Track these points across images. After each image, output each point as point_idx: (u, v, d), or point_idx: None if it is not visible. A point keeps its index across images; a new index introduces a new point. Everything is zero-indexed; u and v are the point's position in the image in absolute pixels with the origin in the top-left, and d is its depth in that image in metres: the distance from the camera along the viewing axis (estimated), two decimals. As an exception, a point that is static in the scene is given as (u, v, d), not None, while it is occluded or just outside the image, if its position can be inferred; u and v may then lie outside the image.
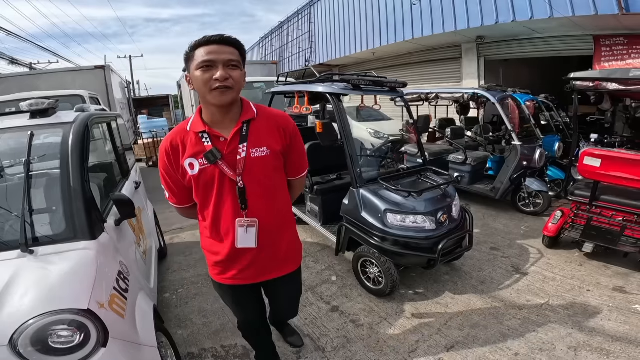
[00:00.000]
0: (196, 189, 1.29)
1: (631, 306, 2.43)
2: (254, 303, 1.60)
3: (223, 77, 1.11)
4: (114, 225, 1.82)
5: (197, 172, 1.24)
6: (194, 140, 1.24)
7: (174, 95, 16.74)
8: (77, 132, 1.78)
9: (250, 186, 1.27)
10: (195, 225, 4.35)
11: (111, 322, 1.22)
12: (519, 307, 2.48)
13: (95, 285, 1.26)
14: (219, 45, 1.13)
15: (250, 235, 1.31)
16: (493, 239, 3.67)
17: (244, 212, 1.28)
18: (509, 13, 6.05)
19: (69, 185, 1.58)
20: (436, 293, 2.69)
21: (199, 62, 1.12)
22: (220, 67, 1.11)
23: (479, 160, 4.76)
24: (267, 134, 1.29)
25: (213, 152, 1.21)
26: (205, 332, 2.34)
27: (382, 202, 2.45)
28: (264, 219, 1.32)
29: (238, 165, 1.24)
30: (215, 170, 1.24)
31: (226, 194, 1.27)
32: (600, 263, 3.04)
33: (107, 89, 6.10)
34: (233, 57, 1.14)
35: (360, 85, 2.76)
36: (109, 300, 1.29)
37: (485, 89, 4.60)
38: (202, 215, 1.37)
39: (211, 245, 1.39)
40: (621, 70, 2.88)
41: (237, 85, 1.16)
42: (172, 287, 2.96)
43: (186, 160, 1.24)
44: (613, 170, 2.77)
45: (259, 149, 1.26)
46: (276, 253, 1.42)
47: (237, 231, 1.30)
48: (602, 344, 2.08)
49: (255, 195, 1.29)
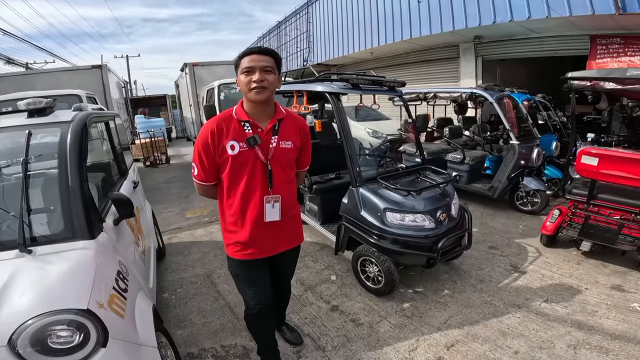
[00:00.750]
0: (231, 167, 1.50)
1: (629, 304, 2.44)
2: (266, 281, 1.74)
3: (259, 80, 1.39)
4: (113, 225, 1.81)
5: (237, 153, 1.48)
6: (237, 127, 1.49)
7: (171, 95, 16.67)
8: (75, 131, 1.77)
9: (276, 170, 1.54)
10: (194, 225, 4.41)
11: (111, 322, 1.21)
12: (518, 305, 2.49)
13: (95, 285, 1.25)
14: (258, 55, 1.42)
15: (276, 210, 1.57)
16: (491, 238, 3.68)
17: (270, 190, 1.54)
18: (507, 13, 6.07)
19: (67, 185, 1.57)
20: (435, 292, 2.69)
21: (242, 68, 1.42)
22: (258, 72, 1.40)
23: (476, 160, 4.78)
24: (292, 132, 1.60)
25: (255, 138, 1.48)
26: (205, 332, 2.33)
27: (381, 201, 2.46)
28: (284, 197, 1.59)
29: (270, 152, 1.52)
30: (251, 154, 1.49)
31: (257, 175, 1.52)
32: (597, 261, 3.06)
33: (104, 88, 6.06)
34: (268, 64, 1.42)
35: (360, 85, 2.76)
36: (109, 300, 1.29)
37: (483, 89, 4.62)
38: (229, 193, 1.56)
39: (234, 222, 1.58)
40: (619, 69, 2.90)
41: (271, 85, 1.44)
42: (170, 287, 2.95)
43: (229, 142, 1.47)
44: (610, 168, 2.79)
45: (286, 142, 1.57)
46: (290, 226, 1.69)
47: (265, 207, 1.54)
48: (601, 342, 2.09)
49: (279, 178, 1.56)
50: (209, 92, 5.94)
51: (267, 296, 1.74)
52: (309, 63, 12.20)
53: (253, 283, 1.70)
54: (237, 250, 1.62)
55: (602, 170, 2.83)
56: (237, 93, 5.71)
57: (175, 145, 13.18)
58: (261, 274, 1.71)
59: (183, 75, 7.45)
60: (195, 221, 4.57)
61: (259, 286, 1.70)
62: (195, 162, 1.55)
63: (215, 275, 3.10)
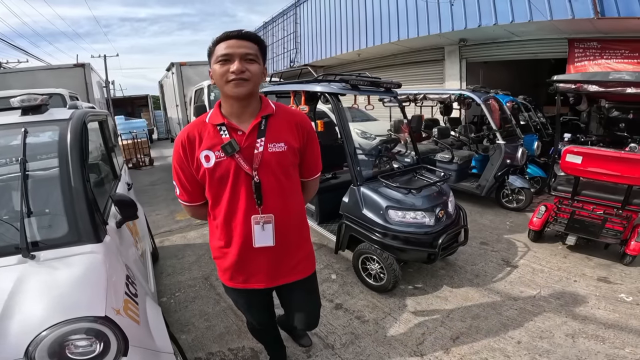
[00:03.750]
0: (210, 183, 1.25)
1: (617, 295, 2.58)
2: (266, 305, 1.59)
3: (239, 70, 1.12)
4: (115, 228, 1.75)
5: (213, 165, 1.22)
6: (212, 133, 1.23)
7: (153, 96, 16.23)
8: (75, 129, 1.69)
9: (266, 181, 1.24)
10: (185, 227, 4.32)
11: (129, 329, 1.15)
12: (514, 298, 2.59)
13: (108, 290, 1.19)
14: (237, 40, 1.14)
15: (267, 233, 1.27)
16: (482, 234, 3.80)
17: (259, 208, 1.25)
18: (492, 16, 6.29)
19: (69, 185, 1.49)
20: (435, 287, 2.75)
21: (217, 55, 1.15)
22: (237, 61, 1.13)
23: (464, 159, 4.92)
24: (285, 130, 1.28)
25: (231, 143, 1.20)
26: (210, 336, 2.29)
27: (383, 199, 2.49)
28: (279, 216, 1.29)
29: (255, 159, 1.22)
30: (231, 164, 1.22)
31: (241, 189, 1.24)
32: (583, 255, 3.22)
33: (87, 88, 5.84)
34: (250, 51, 1.15)
35: (358, 86, 2.79)
36: (123, 305, 1.23)
37: (471, 90, 4.76)
38: (214, 214, 1.33)
39: (222, 247, 1.35)
40: (601, 73, 3.07)
41: (253, 77, 1.16)
42: (168, 291, 2.88)
43: (202, 152, 1.22)
44: (594, 166, 2.95)
45: (277, 144, 1.25)
46: (291, 254, 1.38)
47: (253, 229, 1.26)
48: (597, 331, 2.20)
49: (271, 191, 1.26)
50: (198, 92, 5.84)
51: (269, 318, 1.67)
52: (296, 64, 12.19)
53: (251, 309, 1.56)
54: (228, 278, 1.39)
55: (586, 168, 2.99)
56: (227, 93, 5.62)
57: (157, 147, 12.82)
58: (261, 300, 1.53)
59: (169, 75, 7.28)
60: (186, 223, 4.47)
61: (258, 311, 1.58)
62: (175, 180, 1.33)
63: (214, 277, 3.05)
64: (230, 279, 1.38)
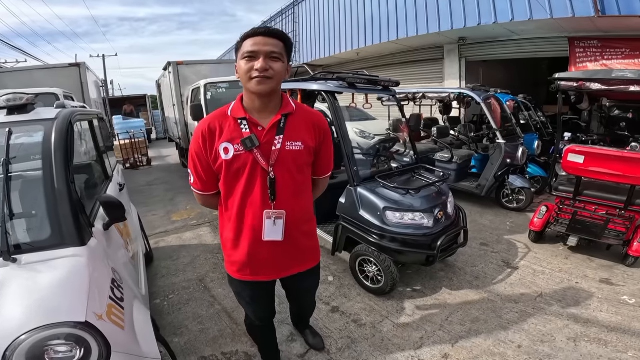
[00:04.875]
0: (225, 175, 1.28)
1: (619, 297, 2.53)
2: (269, 300, 1.61)
3: (263, 68, 1.15)
4: (102, 230, 1.69)
5: (231, 157, 1.24)
6: (233, 126, 1.26)
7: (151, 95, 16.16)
8: (59, 130, 1.64)
9: (281, 178, 1.28)
10: (181, 228, 4.27)
11: (112, 334, 1.12)
12: (515, 300, 2.53)
13: (90, 295, 1.16)
14: (264, 37, 1.17)
15: (278, 228, 1.31)
16: (482, 235, 3.74)
17: (272, 204, 1.29)
18: (491, 15, 6.24)
19: (53, 187, 1.45)
20: (433, 289, 2.70)
21: (243, 52, 1.18)
22: (262, 59, 1.15)
23: (464, 159, 4.86)
24: (303, 130, 1.32)
25: (252, 138, 1.23)
26: (203, 339, 2.23)
27: (380, 200, 2.44)
28: (291, 213, 1.32)
29: (272, 155, 1.25)
30: (249, 158, 1.25)
31: (256, 184, 1.28)
32: (584, 256, 3.16)
33: (82, 87, 5.78)
34: (275, 50, 1.17)
35: (356, 84, 2.73)
36: (107, 310, 1.19)
37: (470, 89, 4.71)
38: (226, 205, 1.36)
39: (232, 239, 1.37)
40: (604, 71, 3.02)
41: (277, 76, 1.19)
42: (162, 293, 2.82)
43: (222, 144, 1.25)
44: (596, 166, 2.89)
45: (294, 142, 1.28)
46: (298, 248, 1.42)
47: (264, 223, 1.30)
48: (599, 334, 2.14)
49: (285, 188, 1.29)
50: (194, 91, 5.78)
51: (269, 313, 1.67)
52: (295, 63, 12.13)
53: (254, 303, 1.56)
54: (235, 270, 1.42)
55: (588, 168, 2.93)
56: (224, 93, 5.57)
57: (156, 147, 12.77)
58: (265, 294, 1.55)
59: (166, 75, 7.22)
60: (182, 224, 4.42)
61: (261, 305, 1.59)
62: (191, 168, 1.36)
63: (209, 279, 3.00)
64: (238, 270, 1.41)
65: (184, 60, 6.46)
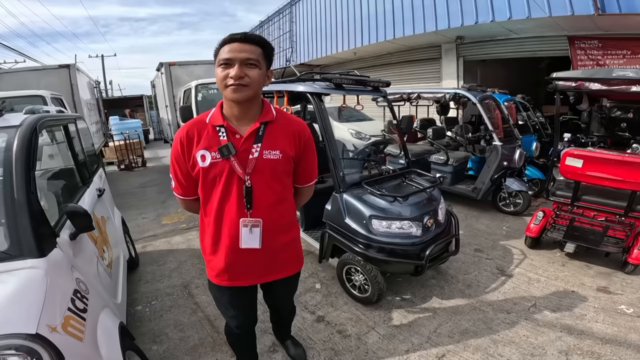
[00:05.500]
0: (203, 181, 1.29)
1: (617, 307, 2.43)
2: (249, 307, 1.59)
3: (237, 76, 1.14)
4: (69, 240, 1.62)
5: (208, 165, 1.25)
6: (211, 133, 1.26)
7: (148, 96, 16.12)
8: (22, 137, 1.57)
9: (258, 187, 1.28)
10: (170, 232, 4.18)
11: (67, 346, 1.10)
12: (507, 310, 2.43)
13: (45, 307, 1.14)
14: (240, 44, 1.15)
15: (255, 236, 1.31)
16: (477, 240, 3.64)
17: (248, 212, 1.29)
18: (489, 13, 6.13)
19: (12, 197, 1.39)
20: (423, 299, 2.60)
21: (219, 59, 1.17)
22: (237, 66, 1.14)
23: (460, 161, 4.76)
24: (282, 138, 1.30)
25: (228, 146, 1.23)
26: (183, 348, 2.16)
27: (366, 208, 2.34)
28: (268, 221, 1.32)
29: (249, 164, 1.25)
30: (225, 166, 1.25)
31: (232, 191, 1.28)
32: (582, 263, 3.06)
33: (72, 89, 5.70)
34: (252, 56, 1.15)
35: (343, 85, 2.64)
36: (63, 322, 1.17)
37: (466, 89, 4.60)
38: (205, 210, 1.36)
39: (211, 245, 1.37)
40: (604, 70, 2.90)
41: (253, 83, 1.17)
42: (144, 299, 2.75)
43: (199, 152, 1.25)
44: (595, 170, 2.78)
45: (272, 151, 1.28)
46: (278, 255, 1.42)
47: (241, 231, 1.30)
48: (592, 346, 2.05)
49: (262, 196, 1.29)
50: (186, 92, 5.70)
51: (248, 320, 1.64)
52: (292, 63, 12.04)
53: (234, 308, 1.53)
54: (214, 275, 1.41)
55: (587, 172, 2.82)
56: (217, 94, 5.49)
57: (152, 148, 12.72)
58: (244, 299, 1.53)
59: (159, 75, 7.14)
60: (172, 228, 4.34)
61: (240, 311, 1.55)
62: (172, 173, 1.37)
63: (193, 285, 2.92)
64: (217, 275, 1.40)
65: (177, 60, 6.38)
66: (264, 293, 1.68)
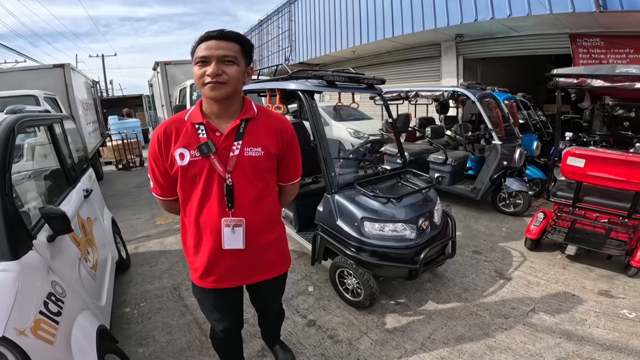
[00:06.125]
0: (182, 181, 1.25)
1: (619, 311, 2.34)
2: (234, 310, 1.55)
3: (214, 74, 1.12)
4: (47, 242, 1.57)
5: (187, 163, 1.22)
6: (190, 131, 1.23)
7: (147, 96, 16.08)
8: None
9: (239, 185, 1.25)
10: (163, 232, 4.12)
11: (35, 350, 1.08)
12: (505, 315, 2.35)
13: (14, 310, 1.11)
14: (217, 41, 1.13)
15: (238, 236, 1.28)
16: (475, 242, 3.56)
17: (229, 211, 1.25)
18: (488, 11, 6.03)
19: (-16, 199, 1.34)
20: (418, 302, 2.53)
21: (196, 57, 1.15)
22: (214, 64, 1.12)
23: (459, 160, 4.67)
24: (264, 135, 1.28)
25: (208, 144, 1.20)
26: (169, 351, 2.11)
27: (358, 210, 2.26)
28: (251, 220, 1.29)
29: (229, 162, 1.23)
30: (205, 164, 1.22)
31: (213, 190, 1.25)
32: (583, 265, 2.97)
33: (66, 88, 5.65)
34: (228, 53, 1.13)
35: (335, 82, 2.56)
36: (32, 325, 1.14)
37: (465, 87, 4.51)
38: (185, 211, 1.33)
39: (193, 246, 1.34)
40: (606, 66, 2.80)
41: (231, 80, 1.15)
42: (133, 300, 2.69)
43: (177, 150, 1.22)
44: (597, 170, 2.69)
45: (254, 148, 1.25)
46: (262, 255, 1.38)
47: (223, 231, 1.26)
48: (592, 353, 1.97)
49: (244, 195, 1.26)
50: (182, 91, 5.65)
51: (234, 323, 1.58)
52: (291, 62, 11.97)
53: (219, 311, 1.49)
54: (199, 277, 1.37)
55: (589, 172, 2.73)
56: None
57: (152, 147, 12.67)
58: (229, 302, 1.48)
59: (155, 75, 7.09)
60: (166, 228, 4.27)
61: (225, 314, 1.50)
62: (150, 173, 1.34)
63: (184, 287, 2.85)
64: (200, 277, 1.37)
65: (172, 60, 6.33)
66: (250, 295, 1.62)
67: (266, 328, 1.97)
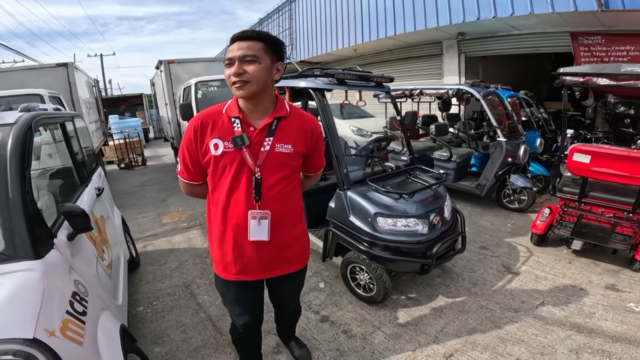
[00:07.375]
0: (213, 170, 1.30)
1: (626, 304, 2.39)
2: (254, 304, 1.57)
3: (236, 73, 1.18)
4: (67, 240, 1.58)
5: (220, 154, 1.27)
6: (226, 123, 1.29)
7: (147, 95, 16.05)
8: (17, 135, 1.52)
9: (268, 179, 1.30)
10: (171, 231, 4.14)
11: (66, 351, 1.06)
12: (515, 309, 2.39)
13: (42, 310, 1.09)
14: (239, 42, 1.19)
15: (263, 228, 1.32)
16: (481, 238, 3.60)
17: (257, 204, 1.30)
18: (491, 9, 6.06)
19: (6, 197, 1.33)
20: (429, 297, 2.56)
21: (225, 60, 1.23)
22: (236, 64, 1.18)
23: (463, 157, 4.71)
24: (294, 134, 1.34)
25: (242, 137, 1.25)
26: (185, 349, 2.13)
27: (371, 205, 2.29)
28: (276, 213, 1.33)
29: (260, 156, 1.28)
30: (237, 156, 1.27)
31: (241, 182, 1.29)
32: (589, 260, 3.01)
33: (70, 87, 5.64)
34: (248, 52, 1.18)
35: (345, 80, 2.58)
36: (61, 326, 1.13)
37: (469, 85, 4.55)
38: (213, 199, 1.37)
39: (218, 236, 1.38)
40: (612, 65, 2.84)
41: (254, 78, 1.19)
42: (146, 299, 2.71)
43: (212, 140, 1.27)
44: (603, 166, 2.74)
45: (284, 145, 1.30)
46: (285, 249, 1.42)
47: (249, 223, 1.31)
48: (603, 345, 2.01)
49: (271, 189, 1.31)
50: (186, 90, 5.64)
51: (254, 318, 1.60)
52: (292, 60, 11.96)
53: (240, 305, 1.52)
54: (222, 269, 1.42)
55: (594, 168, 2.77)
56: (216, 91, 5.43)
57: (153, 146, 12.66)
58: (251, 296, 1.51)
59: (158, 73, 7.08)
60: (173, 227, 4.29)
61: (246, 308, 1.53)
62: (180, 158, 1.38)
63: (195, 285, 2.88)
64: (224, 269, 1.41)
65: (176, 58, 6.32)
66: (269, 291, 1.66)
67: (282, 324, 2.00)
